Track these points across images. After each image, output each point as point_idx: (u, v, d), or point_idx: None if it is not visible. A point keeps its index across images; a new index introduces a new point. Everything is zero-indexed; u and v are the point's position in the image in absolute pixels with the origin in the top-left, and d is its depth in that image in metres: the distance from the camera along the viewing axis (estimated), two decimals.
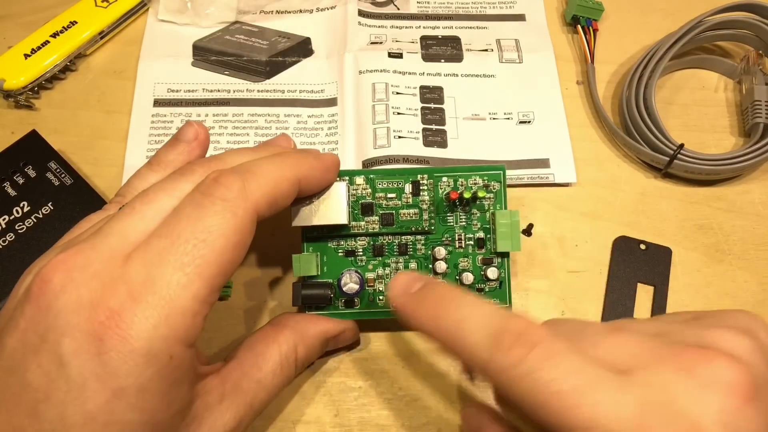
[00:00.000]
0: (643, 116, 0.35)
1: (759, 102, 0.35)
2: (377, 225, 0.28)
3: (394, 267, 0.28)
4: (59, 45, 0.37)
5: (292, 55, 0.39)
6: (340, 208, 0.26)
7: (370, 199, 0.28)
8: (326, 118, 0.36)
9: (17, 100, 0.36)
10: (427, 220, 0.28)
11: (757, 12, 0.37)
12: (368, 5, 0.41)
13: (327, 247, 0.28)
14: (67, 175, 0.31)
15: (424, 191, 0.28)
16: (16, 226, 0.29)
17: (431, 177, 0.28)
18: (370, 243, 0.28)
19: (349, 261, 0.28)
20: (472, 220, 0.28)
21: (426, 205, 0.28)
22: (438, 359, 0.30)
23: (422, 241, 0.28)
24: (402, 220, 0.28)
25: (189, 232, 0.20)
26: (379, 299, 0.28)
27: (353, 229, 0.28)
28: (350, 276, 0.27)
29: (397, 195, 0.28)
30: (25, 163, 0.31)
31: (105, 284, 0.19)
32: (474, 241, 0.28)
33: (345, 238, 0.28)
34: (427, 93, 0.37)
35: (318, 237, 0.28)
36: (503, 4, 0.42)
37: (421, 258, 0.28)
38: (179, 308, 0.19)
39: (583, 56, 0.39)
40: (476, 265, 0.28)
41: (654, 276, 0.31)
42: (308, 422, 0.28)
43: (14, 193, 0.30)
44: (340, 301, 0.28)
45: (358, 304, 0.28)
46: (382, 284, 0.28)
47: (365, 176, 0.28)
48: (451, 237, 0.28)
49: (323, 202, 0.26)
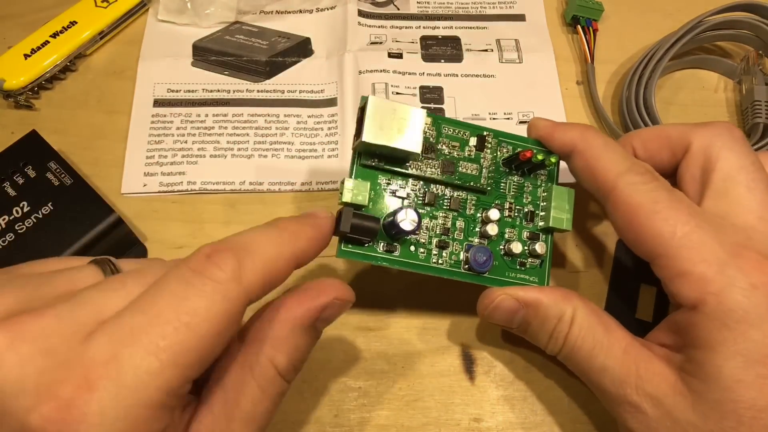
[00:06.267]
0: (643, 116, 0.35)
1: (759, 102, 0.35)
2: (437, 170, 0.27)
3: (442, 222, 0.27)
4: (59, 45, 0.37)
5: (292, 56, 0.39)
6: (416, 135, 0.25)
7: (434, 141, 0.27)
8: (326, 118, 0.36)
9: (17, 100, 0.36)
10: (486, 178, 0.27)
11: (757, 12, 0.37)
12: (368, 5, 0.41)
13: (377, 181, 0.26)
14: (66, 175, 0.31)
15: (488, 149, 0.27)
16: (16, 226, 0.29)
17: (496, 137, 0.28)
18: (422, 190, 0.27)
19: (397, 202, 0.26)
20: (524, 192, 0.28)
21: (487, 163, 0.27)
22: (438, 359, 0.30)
23: (474, 201, 0.27)
24: (461, 172, 0.27)
25: (171, 311, 0.17)
26: (420, 251, 0.26)
27: (411, 168, 0.26)
28: (409, 212, 0.25)
29: (461, 146, 0.27)
30: (24, 163, 0.31)
31: (58, 365, 0.16)
32: (523, 214, 0.28)
33: (400, 177, 0.26)
34: (427, 93, 0.37)
35: (372, 166, 0.26)
36: (503, 4, 0.42)
37: (470, 218, 0.27)
38: (144, 400, 0.16)
39: (583, 56, 0.39)
40: (522, 238, 0.28)
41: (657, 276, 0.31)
42: (308, 422, 0.28)
43: (14, 193, 0.30)
44: (380, 244, 0.26)
45: (399, 251, 0.26)
46: (426, 237, 0.26)
47: (432, 118, 0.27)
48: (501, 204, 0.28)
49: (397, 125, 0.24)
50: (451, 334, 0.31)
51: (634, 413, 0.23)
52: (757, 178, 0.23)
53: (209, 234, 0.33)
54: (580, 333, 0.24)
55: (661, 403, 0.22)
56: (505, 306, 0.26)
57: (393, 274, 0.32)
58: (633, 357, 0.23)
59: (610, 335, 0.24)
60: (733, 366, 0.20)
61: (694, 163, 0.25)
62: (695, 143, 0.25)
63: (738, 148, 0.24)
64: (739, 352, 0.20)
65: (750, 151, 0.24)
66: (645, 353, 0.23)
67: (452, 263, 0.27)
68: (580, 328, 0.24)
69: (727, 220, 0.23)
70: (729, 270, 0.21)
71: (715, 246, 0.22)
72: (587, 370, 0.24)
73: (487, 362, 0.30)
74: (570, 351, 0.25)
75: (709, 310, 0.21)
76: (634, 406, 0.22)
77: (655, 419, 0.22)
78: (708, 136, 0.25)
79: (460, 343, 0.30)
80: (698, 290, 0.21)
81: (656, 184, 0.24)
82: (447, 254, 0.27)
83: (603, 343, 0.24)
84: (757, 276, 0.21)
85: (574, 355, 0.24)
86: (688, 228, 0.22)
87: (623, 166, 0.24)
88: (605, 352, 0.24)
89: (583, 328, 0.24)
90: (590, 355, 0.24)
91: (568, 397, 0.29)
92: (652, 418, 0.22)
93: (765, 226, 0.23)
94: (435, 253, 0.26)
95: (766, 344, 0.20)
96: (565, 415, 0.29)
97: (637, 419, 0.22)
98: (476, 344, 0.30)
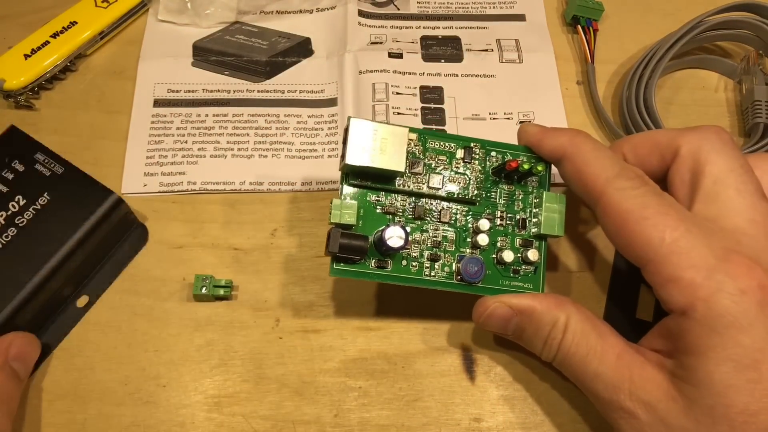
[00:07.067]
0: (643, 116, 0.35)
1: (759, 102, 0.35)
2: (424, 185, 0.27)
3: (432, 235, 0.27)
4: (59, 45, 0.37)
5: (292, 56, 0.39)
6: (400, 154, 0.25)
7: (421, 156, 0.27)
8: (326, 118, 0.36)
9: (17, 101, 0.36)
10: (475, 189, 0.27)
11: (757, 12, 0.37)
12: (368, 5, 0.41)
13: (366, 199, 0.27)
14: (56, 165, 0.30)
15: (476, 160, 0.28)
16: (16, 220, 0.29)
17: (483, 147, 0.28)
18: (411, 204, 0.27)
19: (386, 219, 0.27)
20: (515, 200, 0.28)
21: (475, 174, 0.27)
22: (438, 359, 0.30)
23: (463, 212, 0.27)
24: (449, 185, 0.27)
25: None
26: (412, 265, 0.27)
27: (399, 185, 0.26)
28: (395, 230, 0.25)
29: (448, 159, 0.27)
30: (10, 158, 0.30)
31: None
32: (515, 222, 0.28)
33: (387, 193, 0.27)
34: (427, 93, 0.37)
35: (359, 185, 0.26)
36: (503, 4, 0.42)
37: (461, 229, 0.27)
38: None
39: (583, 56, 0.39)
40: (514, 246, 0.28)
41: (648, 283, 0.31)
42: (308, 422, 0.28)
43: (6, 189, 0.29)
44: (371, 261, 0.26)
45: (390, 265, 0.26)
46: (417, 251, 0.27)
47: (418, 134, 0.27)
48: (492, 213, 0.28)
49: (380, 145, 0.25)
50: (451, 334, 0.31)
51: (627, 419, 0.23)
52: (747, 181, 0.23)
53: (209, 234, 0.33)
54: (573, 339, 0.24)
55: (654, 409, 0.22)
56: (499, 314, 0.26)
57: None
58: (626, 363, 0.23)
59: (603, 341, 0.24)
60: (724, 371, 0.21)
61: (683, 167, 0.25)
62: (684, 147, 0.25)
63: (727, 152, 0.24)
64: (729, 357, 0.20)
65: (739, 154, 0.24)
66: (638, 359, 0.23)
67: (445, 275, 0.27)
68: (573, 334, 0.24)
69: (717, 224, 0.23)
70: (718, 275, 0.21)
71: (704, 251, 0.22)
72: (581, 376, 0.24)
73: (488, 362, 0.30)
74: (564, 357, 0.25)
75: (699, 316, 0.21)
76: (627, 411, 0.23)
77: (649, 425, 0.22)
78: (696, 140, 0.25)
79: (460, 343, 0.30)
80: (688, 296, 0.21)
81: (646, 189, 0.24)
82: (439, 266, 0.27)
83: (596, 350, 0.24)
84: (745, 281, 0.21)
85: (568, 361, 0.25)
86: (677, 233, 0.22)
87: (612, 171, 0.24)
88: (599, 359, 0.24)
89: (576, 334, 0.24)
90: (584, 362, 0.24)
91: (568, 398, 0.29)
92: (645, 424, 0.22)
93: (754, 229, 0.23)
94: (427, 266, 0.27)
95: (755, 349, 0.20)
96: (566, 415, 0.29)
97: (631, 425, 0.23)
98: (476, 344, 0.30)
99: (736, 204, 0.23)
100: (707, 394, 0.21)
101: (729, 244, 0.22)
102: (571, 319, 0.25)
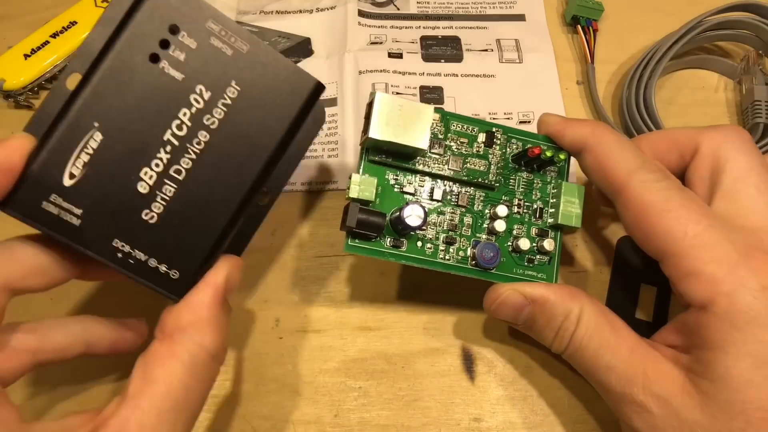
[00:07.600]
0: (643, 116, 0.35)
1: (759, 102, 0.35)
2: (445, 166, 0.27)
3: (449, 218, 0.27)
4: (59, 45, 0.37)
5: (292, 55, 0.39)
6: (423, 132, 0.25)
7: (442, 137, 0.27)
8: (326, 118, 0.36)
9: (17, 100, 0.36)
10: (494, 174, 0.27)
11: (757, 12, 0.37)
12: (368, 5, 0.41)
13: (384, 177, 0.26)
14: (238, 39, 0.23)
15: (497, 146, 0.27)
16: (205, 120, 0.22)
17: (505, 133, 0.28)
18: (430, 186, 0.27)
19: (403, 198, 0.26)
20: (534, 188, 0.28)
21: (496, 159, 0.27)
22: (438, 359, 0.30)
23: (481, 197, 0.27)
24: (469, 168, 0.27)
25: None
26: (427, 247, 0.26)
27: (419, 164, 0.26)
28: (414, 208, 0.25)
29: (469, 142, 0.27)
30: (173, 27, 0.22)
31: None
32: (531, 210, 0.28)
33: (405, 172, 0.26)
34: (427, 93, 0.37)
35: (379, 162, 0.26)
36: (503, 4, 0.42)
37: (477, 214, 0.27)
38: None
39: (583, 56, 0.39)
40: (530, 235, 0.28)
41: (658, 276, 0.31)
42: (308, 422, 0.28)
43: (181, 76, 0.22)
44: (386, 239, 0.26)
45: (405, 246, 0.26)
46: (433, 233, 0.27)
47: (441, 114, 0.27)
48: (510, 200, 0.28)
49: (404, 121, 0.24)
50: (451, 334, 0.31)
51: (640, 413, 0.23)
52: (767, 180, 0.24)
53: None
54: (586, 332, 0.24)
55: (668, 403, 0.22)
56: (512, 302, 0.26)
57: (393, 274, 0.32)
58: (640, 357, 0.23)
59: (617, 335, 0.24)
60: (743, 367, 0.21)
61: (703, 165, 0.25)
62: (704, 145, 0.25)
63: (747, 150, 0.24)
64: (748, 354, 0.20)
65: (758, 153, 0.24)
66: (652, 353, 0.23)
67: (459, 259, 0.27)
68: (587, 326, 0.24)
69: (737, 222, 0.23)
70: (740, 271, 0.21)
71: (726, 246, 0.22)
72: (593, 369, 0.24)
73: (488, 362, 0.30)
74: (576, 349, 0.25)
75: (720, 311, 0.21)
76: (640, 405, 0.22)
77: (662, 419, 0.22)
78: (717, 139, 0.25)
79: (460, 343, 0.30)
80: (709, 290, 0.21)
81: (668, 182, 0.24)
82: (454, 250, 0.27)
83: (610, 343, 0.24)
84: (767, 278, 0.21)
85: (580, 353, 0.24)
86: (699, 228, 0.22)
87: (635, 163, 0.24)
88: (612, 352, 0.24)
89: (590, 327, 0.24)
90: (596, 355, 0.24)
91: (568, 397, 0.29)
92: (658, 418, 0.22)
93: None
94: (442, 249, 0.27)
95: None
96: (566, 415, 0.29)
97: (643, 419, 0.22)
98: (476, 344, 0.30)
99: (756, 202, 0.23)
100: (724, 389, 0.21)
101: (751, 241, 0.22)
102: (585, 311, 0.24)
